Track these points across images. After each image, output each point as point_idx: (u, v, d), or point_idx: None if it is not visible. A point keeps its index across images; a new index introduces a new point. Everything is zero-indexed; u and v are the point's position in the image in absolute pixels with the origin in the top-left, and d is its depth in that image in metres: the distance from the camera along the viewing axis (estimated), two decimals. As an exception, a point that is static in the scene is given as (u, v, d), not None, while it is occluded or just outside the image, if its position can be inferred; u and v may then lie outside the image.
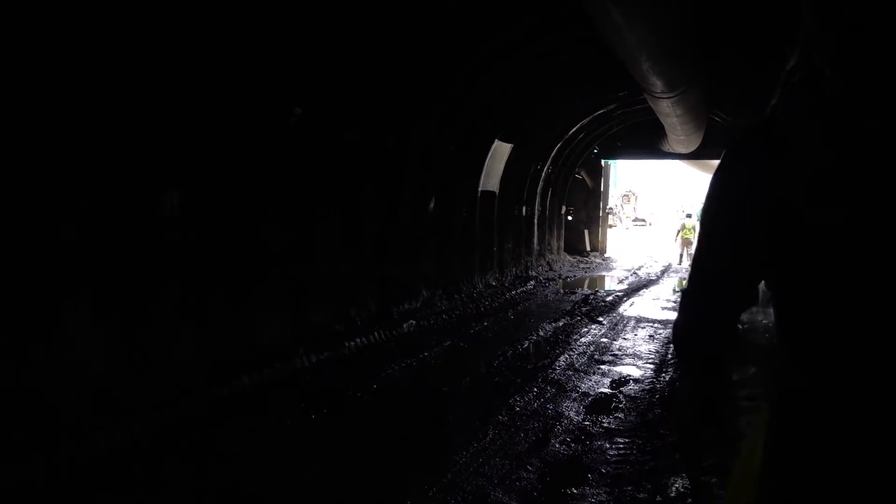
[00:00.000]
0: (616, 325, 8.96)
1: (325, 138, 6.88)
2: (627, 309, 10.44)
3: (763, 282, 1.10)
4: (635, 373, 6.46)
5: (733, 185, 1.06)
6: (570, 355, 7.04)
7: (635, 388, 5.95)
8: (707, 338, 1.15)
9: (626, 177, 52.67)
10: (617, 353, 7.30)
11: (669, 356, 7.25)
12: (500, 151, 12.03)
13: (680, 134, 12.39)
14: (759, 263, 1.06)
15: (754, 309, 1.16)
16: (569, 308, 10.15)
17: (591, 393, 5.71)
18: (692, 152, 16.85)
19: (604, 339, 7.90)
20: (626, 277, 15.30)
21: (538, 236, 15.89)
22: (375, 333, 7.32)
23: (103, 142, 4.37)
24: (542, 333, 8.12)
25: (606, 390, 5.80)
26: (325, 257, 7.15)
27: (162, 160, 4.97)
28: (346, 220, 7.52)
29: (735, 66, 9.17)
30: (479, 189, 11.66)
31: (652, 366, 6.81)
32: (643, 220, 48.51)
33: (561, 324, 8.81)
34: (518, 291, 11.87)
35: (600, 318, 9.26)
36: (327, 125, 6.82)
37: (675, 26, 5.42)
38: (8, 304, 3.81)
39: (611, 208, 46.11)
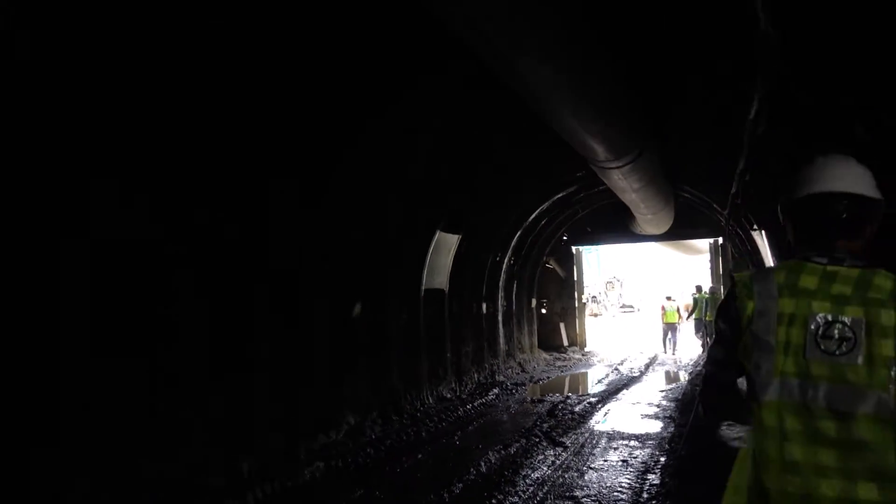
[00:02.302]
0: (583, 447, 7.22)
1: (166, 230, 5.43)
2: (600, 421, 8.72)
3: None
4: (597, 530, 4.73)
5: (731, 306, 1.80)
6: (512, 504, 5.31)
7: (594, 558, 4.23)
8: (718, 397, 1.87)
9: (610, 263, 51.76)
10: (576, 495, 5.56)
11: (646, 494, 5.52)
12: (445, 243, 10.67)
13: (645, 212, 11.12)
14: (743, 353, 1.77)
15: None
16: (529, 424, 8.42)
17: (528, 576, 3.98)
18: (665, 233, 15.63)
19: (562, 474, 6.15)
20: (606, 376, 13.60)
21: (504, 335, 14.28)
22: (259, 490, 5.58)
23: None
24: (484, 469, 6.38)
25: (551, 568, 4.08)
26: (193, 395, 5.53)
27: None
28: (225, 342, 5.95)
29: (693, 127, 7.99)
30: (423, 287, 10.18)
31: (622, 513, 5.09)
32: (630, 307, 46.97)
33: (513, 450, 7.07)
34: (476, 404, 10.13)
35: (563, 439, 7.52)
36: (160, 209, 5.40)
37: (597, 60, 4.15)
38: None
39: (594, 296, 44.92)
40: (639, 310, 46.56)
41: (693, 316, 17.58)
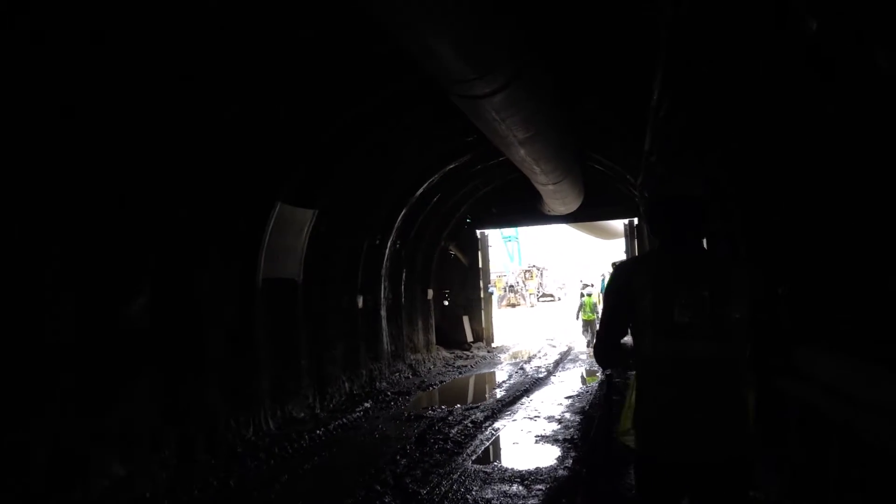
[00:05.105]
0: (443, 501, 5.06)
1: None
2: (480, 448, 6.60)
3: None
4: None
5: (615, 285, 2.47)
6: None
7: None
8: (606, 352, 2.53)
9: (531, 251, 50.47)
10: None
11: None
12: (294, 221, 8.30)
13: (545, 182, 9.08)
14: (624, 320, 2.42)
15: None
16: (384, 461, 6.21)
17: None
18: (576, 213, 13.77)
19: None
20: (509, 377, 11.61)
21: (390, 333, 12.03)
22: None
23: None
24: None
25: None
26: None
27: None
28: None
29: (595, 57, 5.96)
30: (260, 276, 7.79)
31: None
32: (551, 296, 45.77)
33: (340, 513, 4.84)
34: (333, 427, 7.84)
35: (421, 488, 5.34)
36: None
37: None
38: None
39: (511, 286, 43.44)
40: (559, 299, 45.42)
41: (581, 318, 15.93)
